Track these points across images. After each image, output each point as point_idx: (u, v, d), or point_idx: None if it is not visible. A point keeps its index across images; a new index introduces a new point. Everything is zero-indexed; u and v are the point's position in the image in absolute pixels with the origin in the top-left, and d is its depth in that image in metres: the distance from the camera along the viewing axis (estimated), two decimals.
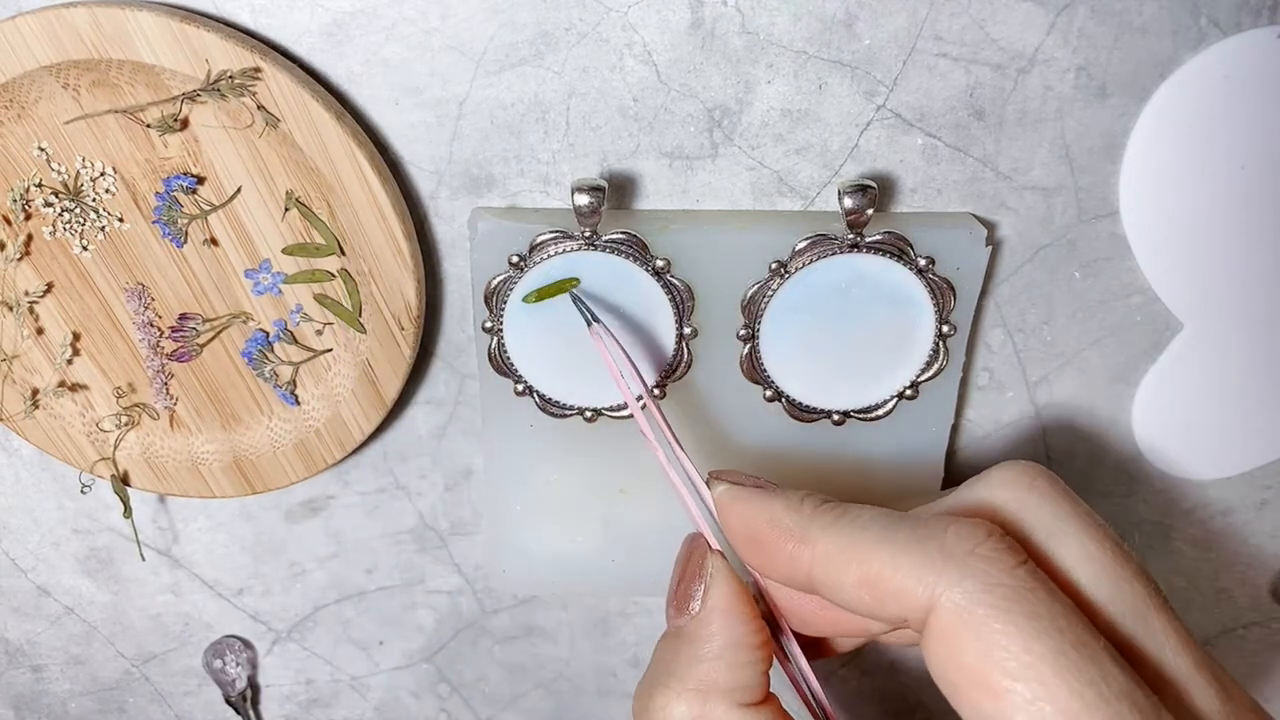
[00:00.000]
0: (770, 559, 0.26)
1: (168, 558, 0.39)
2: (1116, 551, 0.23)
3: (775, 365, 0.33)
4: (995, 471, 0.25)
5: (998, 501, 0.24)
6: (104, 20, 0.28)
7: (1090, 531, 0.23)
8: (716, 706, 0.25)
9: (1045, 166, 0.32)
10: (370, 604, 0.40)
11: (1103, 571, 0.23)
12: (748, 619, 0.26)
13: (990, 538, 0.22)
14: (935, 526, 0.23)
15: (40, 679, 0.42)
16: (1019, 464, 0.25)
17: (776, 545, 0.25)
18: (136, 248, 0.32)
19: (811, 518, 0.25)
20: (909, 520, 0.23)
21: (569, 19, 0.29)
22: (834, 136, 0.31)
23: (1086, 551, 0.23)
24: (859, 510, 0.24)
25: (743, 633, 0.26)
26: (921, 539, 0.22)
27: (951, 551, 0.22)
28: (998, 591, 0.21)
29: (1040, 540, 0.23)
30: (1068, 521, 0.23)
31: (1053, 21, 0.30)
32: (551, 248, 0.31)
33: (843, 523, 0.24)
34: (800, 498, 0.25)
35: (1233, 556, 0.40)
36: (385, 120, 0.31)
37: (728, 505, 0.26)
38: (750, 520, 0.26)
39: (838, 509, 0.25)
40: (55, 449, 0.34)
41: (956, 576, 0.21)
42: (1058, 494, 0.24)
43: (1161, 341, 0.35)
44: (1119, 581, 0.22)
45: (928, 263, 0.31)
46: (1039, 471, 0.24)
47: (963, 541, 0.22)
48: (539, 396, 0.33)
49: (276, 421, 0.34)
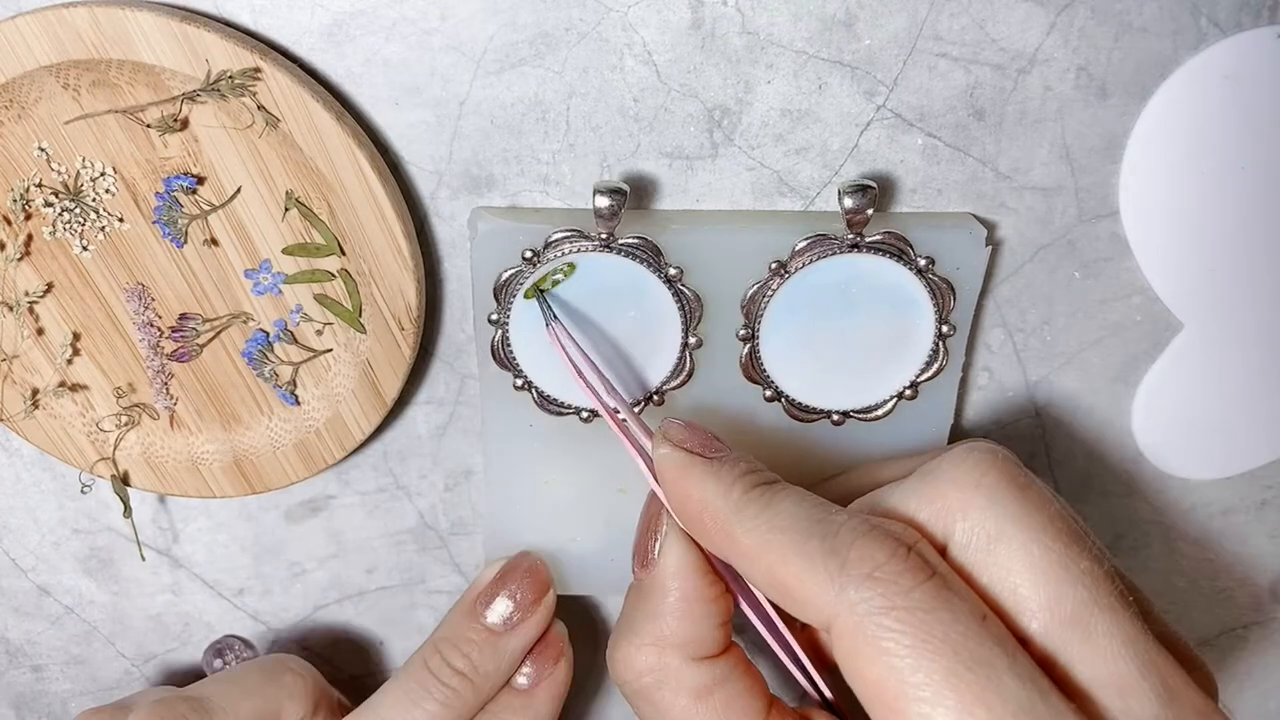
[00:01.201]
0: (701, 536, 0.26)
1: (168, 558, 0.39)
2: (1065, 552, 0.23)
3: (775, 365, 0.33)
4: (948, 461, 0.25)
5: (940, 501, 0.24)
6: (104, 20, 0.28)
7: (1036, 533, 0.23)
8: (673, 659, 0.26)
9: (1045, 166, 0.32)
10: (370, 604, 0.40)
11: (1043, 576, 0.22)
12: (700, 574, 0.26)
13: (892, 559, 0.22)
14: (844, 539, 0.23)
15: (40, 679, 0.42)
16: (972, 454, 0.25)
17: (704, 527, 0.25)
18: (136, 248, 0.32)
19: (738, 507, 0.25)
20: (823, 526, 0.23)
21: (569, 19, 0.29)
22: (834, 136, 0.31)
23: (1028, 555, 0.23)
24: (783, 504, 0.24)
25: (695, 587, 0.26)
26: (827, 554, 0.22)
27: (852, 572, 0.22)
28: (892, 614, 0.21)
29: (979, 545, 0.23)
30: (1012, 522, 0.23)
31: (1053, 21, 0.30)
32: (566, 246, 0.31)
33: (762, 520, 0.24)
34: (733, 479, 0.25)
35: (1233, 556, 0.40)
36: (385, 120, 0.31)
37: (665, 473, 0.27)
38: (683, 496, 0.26)
39: (764, 498, 0.25)
40: (55, 449, 0.34)
41: (854, 598, 0.22)
42: (1006, 492, 0.24)
43: (1161, 341, 0.35)
44: (1061, 585, 0.22)
45: (928, 263, 0.31)
46: (990, 465, 0.24)
47: (863, 562, 0.22)
48: (537, 393, 0.33)
49: (276, 421, 0.34)
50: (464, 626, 0.33)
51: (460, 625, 0.33)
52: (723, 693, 0.26)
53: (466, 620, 0.33)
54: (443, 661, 0.32)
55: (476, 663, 0.33)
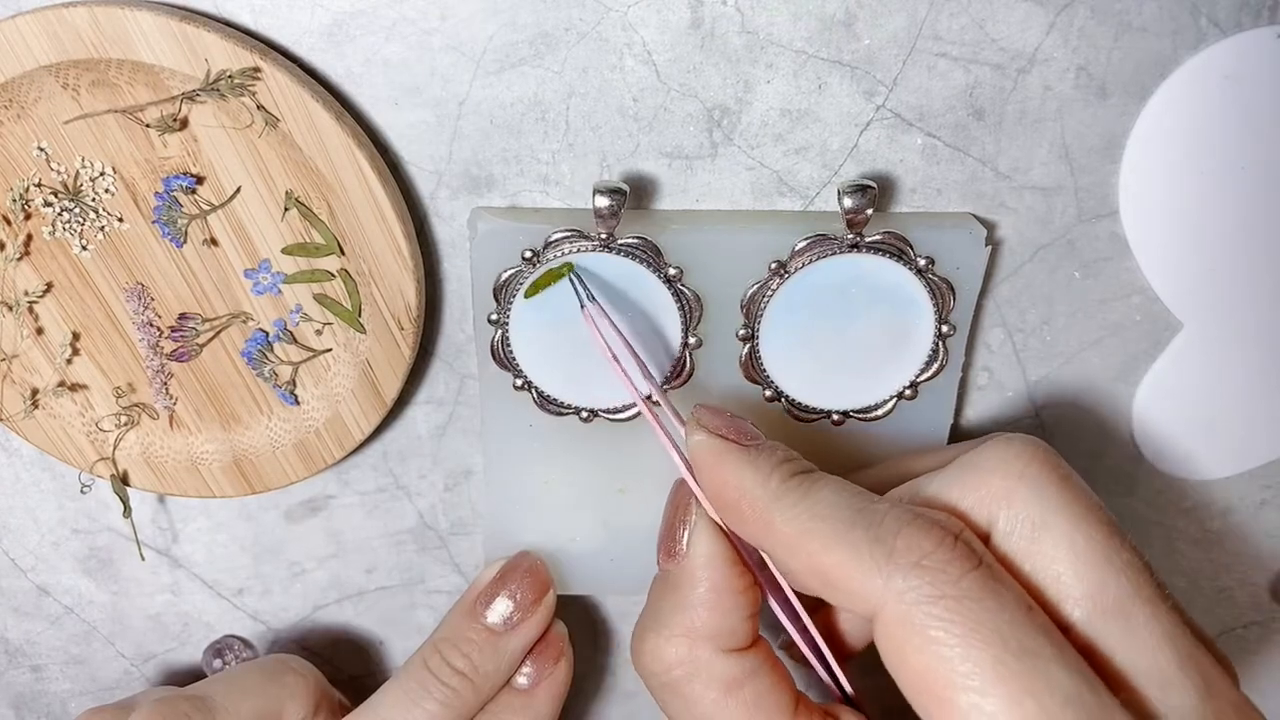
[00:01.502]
0: (737, 524, 0.26)
1: (167, 558, 0.39)
2: (1107, 543, 0.23)
3: (775, 365, 0.33)
4: (990, 451, 0.25)
5: (983, 489, 0.24)
6: (104, 20, 0.28)
7: (1078, 523, 0.23)
8: (703, 651, 0.26)
9: (1045, 166, 0.32)
10: (370, 604, 0.40)
11: (1086, 565, 0.22)
12: (730, 565, 0.26)
13: (939, 547, 0.22)
14: (889, 527, 0.22)
15: (40, 679, 0.42)
16: (1014, 444, 0.24)
17: (741, 515, 0.25)
18: (136, 248, 0.32)
19: (776, 495, 0.24)
20: (867, 515, 0.23)
21: (569, 19, 0.29)
22: (834, 136, 0.31)
23: (1072, 544, 0.23)
24: (822, 492, 0.24)
25: (725, 578, 0.26)
26: (873, 542, 0.22)
27: (899, 560, 0.22)
28: (940, 603, 0.21)
29: (1023, 534, 0.23)
30: (1056, 513, 0.23)
31: (1053, 21, 0.30)
32: (566, 246, 0.31)
33: (802, 508, 0.24)
34: (770, 467, 0.25)
35: (1233, 556, 0.40)
36: (385, 120, 0.31)
37: (701, 460, 0.26)
38: (719, 484, 0.25)
39: (803, 487, 0.24)
40: (55, 449, 0.34)
41: (901, 587, 0.21)
42: (1049, 482, 0.24)
43: (1161, 341, 0.35)
44: (1104, 575, 0.22)
45: (927, 263, 0.31)
46: (1033, 455, 0.24)
47: (911, 551, 0.22)
48: (537, 393, 0.33)
49: (276, 421, 0.34)
50: (464, 626, 0.33)
51: (460, 625, 0.33)
52: (752, 686, 0.26)
53: (466, 620, 0.33)
54: (443, 661, 0.32)
55: (477, 663, 0.33)
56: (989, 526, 0.24)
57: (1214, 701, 0.21)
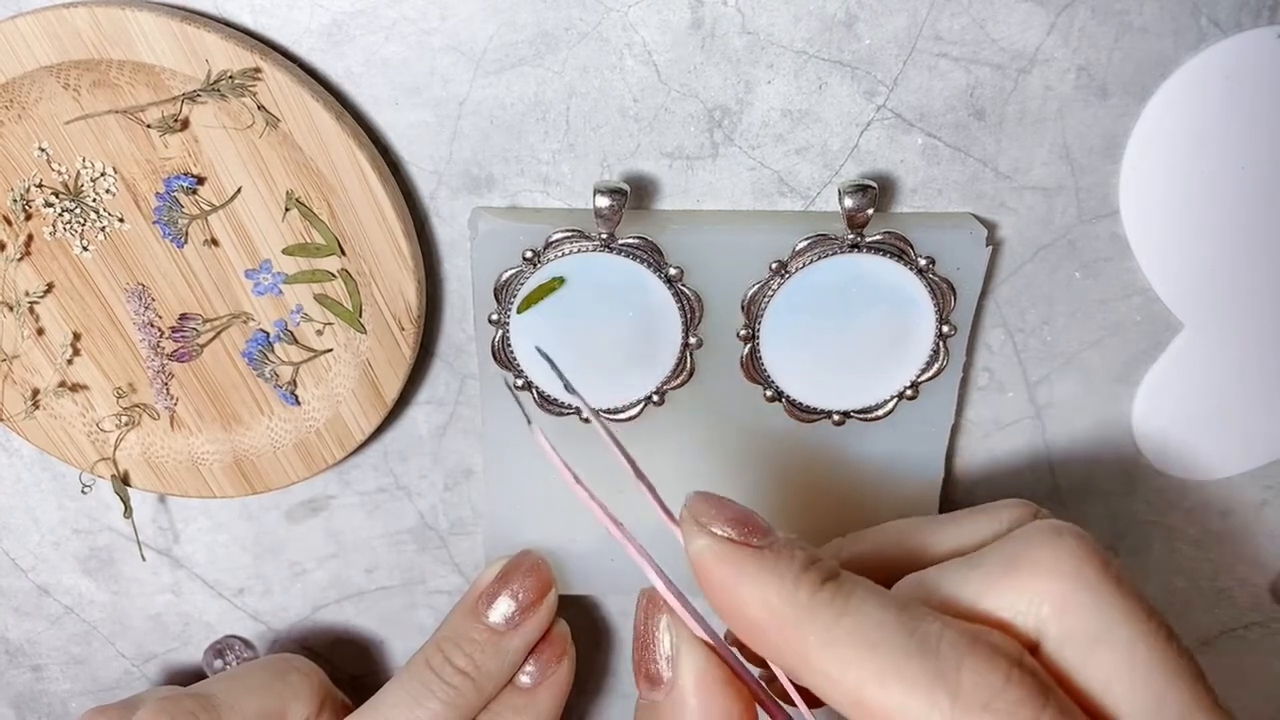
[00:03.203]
0: (756, 641, 0.22)
1: (168, 558, 0.39)
2: (1165, 652, 0.21)
3: (775, 365, 0.33)
4: (1035, 549, 0.22)
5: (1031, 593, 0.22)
6: (104, 20, 0.28)
7: (1139, 631, 0.21)
8: None
9: (1045, 166, 0.32)
10: (370, 604, 0.40)
11: (1143, 679, 0.21)
12: (726, 688, 0.23)
13: (1009, 685, 0.20)
14: (949, 659, 0.20)
15: (40, 679, 0.42)
16: (1061, 539, 0.22)
17: (766, 638, 0.22)
18: (137, 248, 0.32)
19: (810, 613, 0.21)
20: (920, 641, 0.20)
21: (569, 19, 0.29)
22: (834, 136, 0.31)
23: (1132, 657, 0.21)
24: (863, 606, 0.21)
25: (722, 704, 0.23)
26: (934, 677, 0.20)
27: (969, 702, 0.19)
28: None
29: (1079, 645, 0.21)
30: (1117, 623, 0.21)
31: (1053, 21, 0.30)
32: (566, 246, 0.31)
33: (844, 630, 0.21)
34: (795, 575, 0.22)
35: (1233, 556, 0.40)
36: (385, 120, 0.31)
37: (708, 572, 0.22)
38: (737, 602, 0.22)
39: (838, 600, 0.21)
40: (55, 449, 0.34)
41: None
42: (1106, 586, 0.21)
43: (1161, 341, 0.35)
44: (1163, 689, 0.21)
45: (928, 263, 0.31)
46: (1087, 555, 0.22)
47: (978, 691, 0.19)
48: (537, 393, 0.33)
49: (276, 421, 0.34)
50: (466, 626, 0.33)
51: (462, 625, 0.33)
52: None
53: (469, 620, 0.33)
54: (445, 660, 0.32)
55: (479, 662, 0.33)
56: (1038, 635, 0.22)
57: None
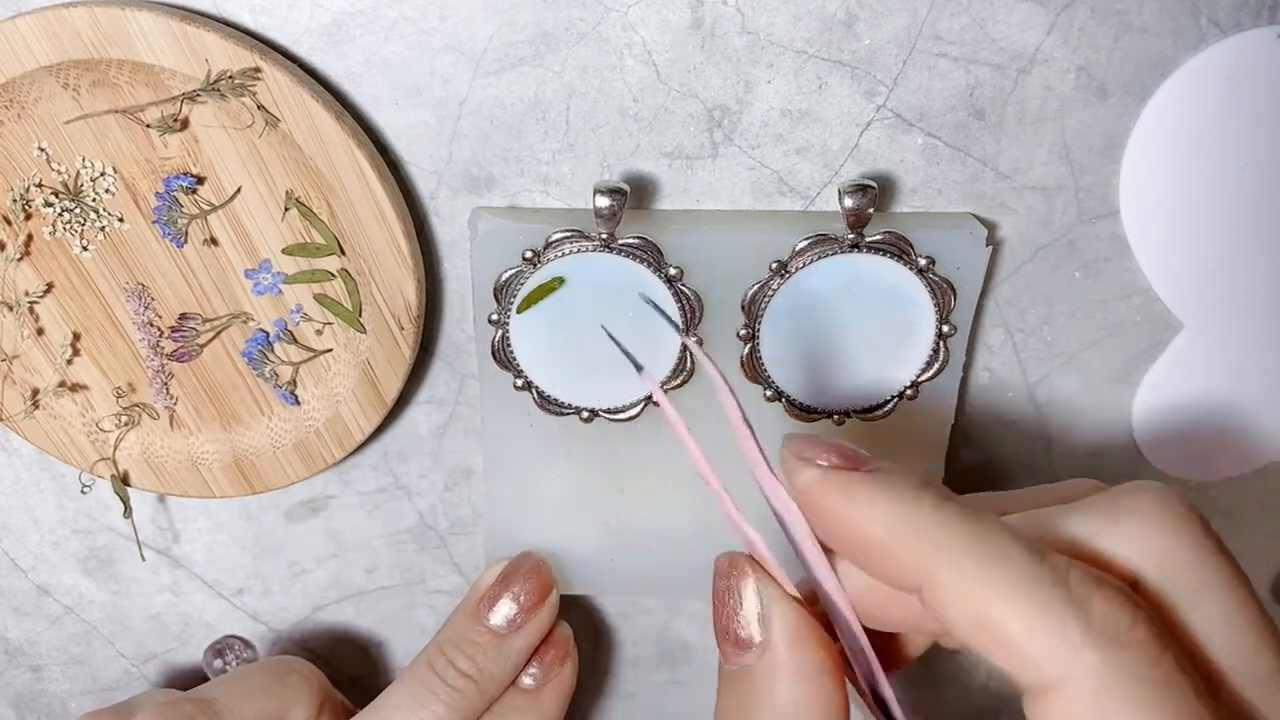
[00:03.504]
0: (877, 564, 0.21)
1: (168, 558, 0.39)
2: (1259, 615, 0.21)
3: (775, 365, 0.33)
4: (1143, 500, 0.22)
5: (1136, 542, 0.21)
6: (104, 20, 0.28)
7: (1234, 590, 0.21)
8: None
9: (1045, 166, 0.32)
10: (370, 604, 0.40)
11: (1243, 637, 0.21)
12: (820, 645, 0.23)
13: (1136, 624, 0.19)
14: (1080, 589, 0.20)
15: (40, 679, 0.42)
16: (1165, 498, 0.22)
17: (888, 552, 0.21)
18: (136, 248, 0.32)
19: (936, 526, 0.20)
20: (1050, 570, 0.20)
21: (569, 19, 0.29)
22: (834, 136, 0.31)
23: (1228, 614, 0.21)
24: (992, 530, 0.20)
25: (816, 658, 0.22)
26: (1065, 604, 0.19)
27: (1099, 631, 0.19)
28: (1141, 686, 0.19)
29: (1182, 597, 0.21)
30: (1215, 578, 0.21)
31: (1053, 21, 0.30)
32: (566, 246, 0.31)
33: (974, 546, 0.20)
34: (915, 494, 0.21)
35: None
36: (385, 120, 0.31)
37: (822, 501, 0.21)
38: (858, 524, 0.21)
39: (965, 516, 0.20)
40: (55, 449, 0.34)
41: (1098, 662, 0.19)
42: (1206, 543, 0.21)
43: (1161, 341, 0.35)
44: (1258, 648, 0.21)
45: (928, 263, 0.31)
46: (1188, 514, 0.22)
47: (1110, 622, 0.19)
48: (537, 393, 0.33)
49: (276, 421, 0.34)
50: (468, 628, 0.33)
51: (464, 627, 0.33)
52: None
53: (470, 622, 0.33)
54: (448, 663, 0.32)
55: (481, 665, 0.33)
56: (1136, 581, 0.21)
57: None
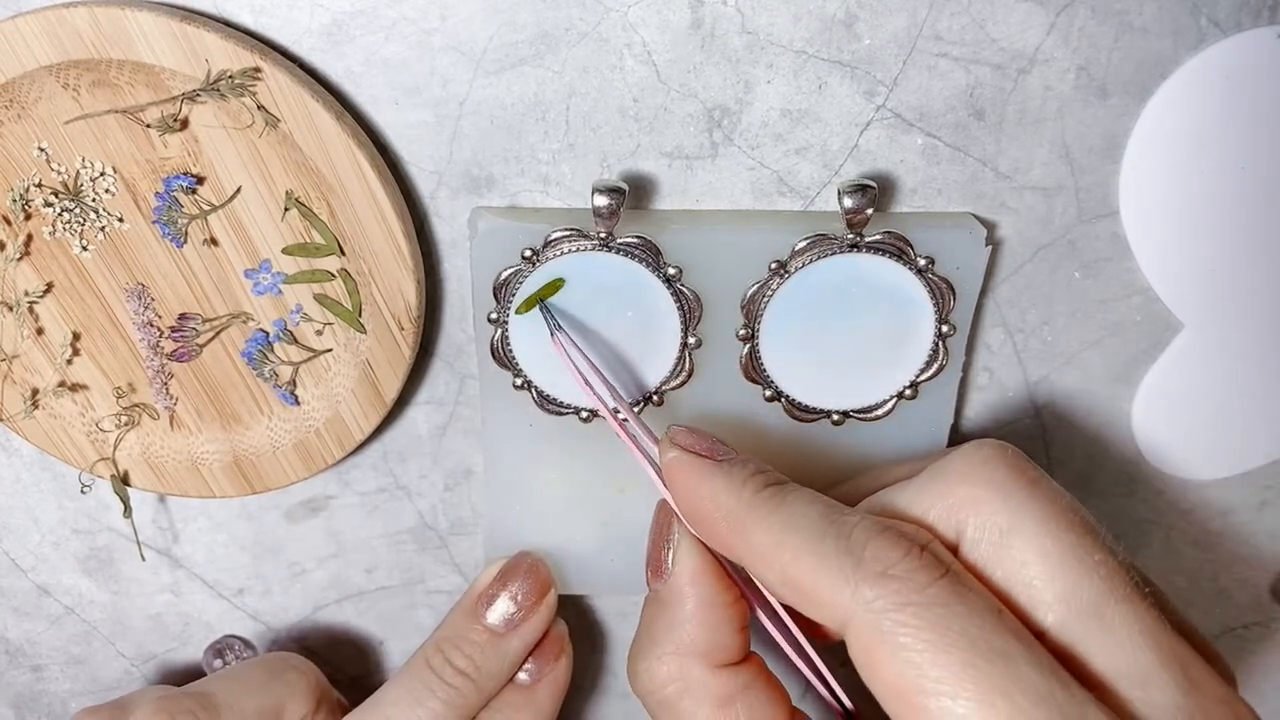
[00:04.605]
0: (709, 536, 0.26)
1: (168, 558, 0.39)
2: (1078, 544, 0.23)
3: (775, 365, 0.33)
4: (957, 459, 0.25)
5: (951, 498, 0.24)
6: (104, 20, 0.28)
7: (1046, 526, 0.23)
8: (694, 667, 0.26)
9: (1045, 166, 0.32)
10: (370, 604, 0.40)
11: (1057, 568, 0.23)
12: (716, 579, 0.27)
13: (906, 557, 0.22)
14: (858, 539, 0.23)
15: (40, 679, 0.42)
16: (980, 451, 0.25)
17: (716, 528, 0.26)
18: (136, 248, 0.32)
19: (750, 505, 0.25)
20: (837, 526, 0.23)
21: (569, 19, 0.29)
22: (834, 136, 0.31)
23: (1041, 548, 0.23)
24: (795, 503, 0.25)
25: (712, 593, 0.26)
26: (842, 553, 0.23)
27: (867, 570, 0.22)
28: (907, 610, 0.21)
29: (992, 540, 0.23)
30: (1024, 517, 0.23)
31: (1053, 21, 0.30)
32: (565, 245, 0.31)
33: (775, 519, 0.24)
34: (743, 479, 0.25)
35: (1232, 556, 0.40)
36: (385, 120, 0.31)
37: (675, 476, 0.27)
38: (694, 498, 0.26)
39: (776, 498, 0.25)
40: (55, 449, 0.34)
41: (869, 595, 0.22)
42: (1017, 486, 0.24)
43: (1161, 341, 0.35)
44: (1076, 576, 0.22)
45: (928, 263, 0.31)
46: (999, 460, 0.24)
47: (878, 561, 0.22)
48: (537, 393, 0.33)
49: (276, 421, 0.34)
50: (465, 627, 0.33)
51: (462, 625, 0.33)
52: (745, 701, 0.26)
53: (468, 620, 0.33)
54: (445, 661, 0.33)
55: (479, 663, 0.33)
56: (958, 536, 0.24)
57: (1197, 696, 0.21)
